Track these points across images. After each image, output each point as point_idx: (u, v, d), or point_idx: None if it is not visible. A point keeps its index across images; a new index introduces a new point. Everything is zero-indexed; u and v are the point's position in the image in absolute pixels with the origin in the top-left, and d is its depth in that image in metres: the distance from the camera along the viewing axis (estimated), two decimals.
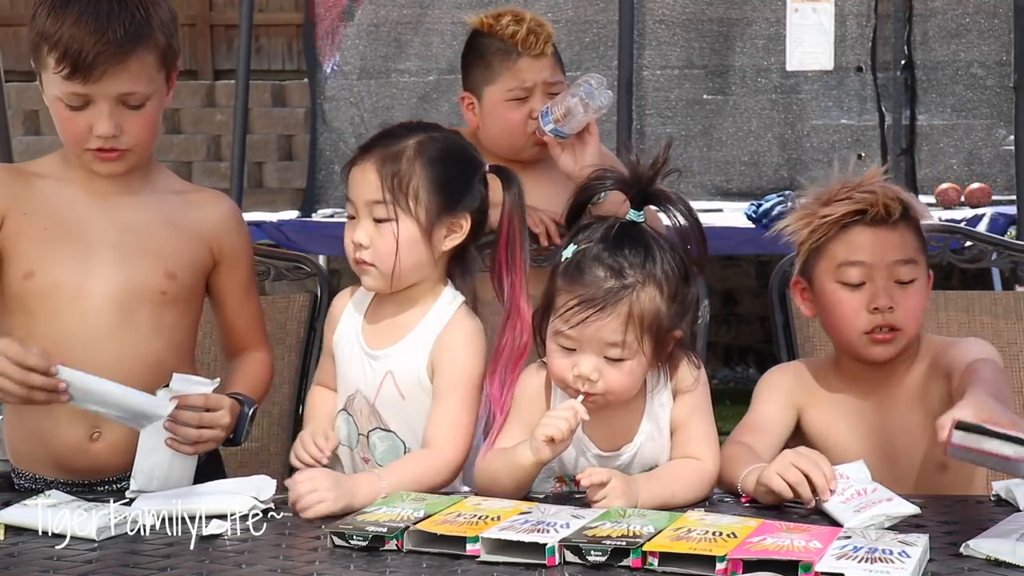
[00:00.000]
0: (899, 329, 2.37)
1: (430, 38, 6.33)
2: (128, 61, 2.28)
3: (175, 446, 2.25)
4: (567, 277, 2.21)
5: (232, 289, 2.53)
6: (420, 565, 1.88)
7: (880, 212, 2.37)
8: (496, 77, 3.07)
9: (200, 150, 7.83)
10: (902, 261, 2.38)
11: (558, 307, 2.20)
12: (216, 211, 2.52)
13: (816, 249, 2.42)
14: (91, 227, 2.39)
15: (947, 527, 2.04)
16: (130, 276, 2.39)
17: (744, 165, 6.25)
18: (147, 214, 2.44)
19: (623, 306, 2.16)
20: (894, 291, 2.36)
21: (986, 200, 5.61)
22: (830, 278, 2.40)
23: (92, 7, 2.27)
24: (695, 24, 6.26)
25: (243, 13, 5.76)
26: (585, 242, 2.23)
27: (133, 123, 2.33)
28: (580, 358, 2.18)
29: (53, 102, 2.33)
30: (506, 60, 3.05)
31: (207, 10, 8.39)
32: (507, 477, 2.19)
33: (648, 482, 2.18)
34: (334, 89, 6.43)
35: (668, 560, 1.84)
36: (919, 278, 2.40)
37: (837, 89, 6.17)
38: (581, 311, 2.16)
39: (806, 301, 2.49)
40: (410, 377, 2.33)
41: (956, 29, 6.14)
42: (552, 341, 2.22)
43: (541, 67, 3.05)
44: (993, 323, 2.94)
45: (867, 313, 2.36)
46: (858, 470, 2.15)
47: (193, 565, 1.90)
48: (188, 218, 2.48)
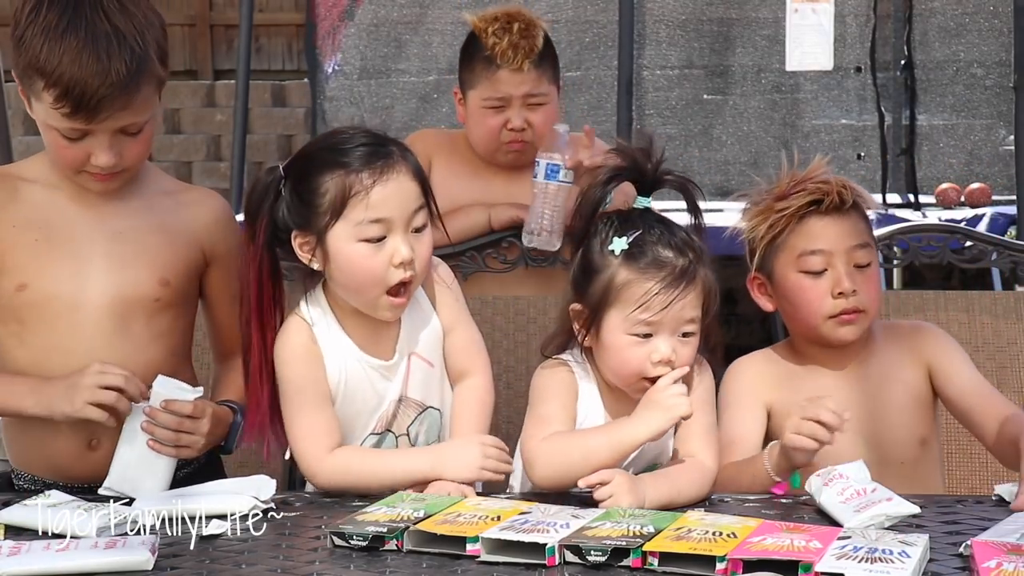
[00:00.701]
0: (863, 311, 2.46)
1: (430, 38, 6.32)
2: (131, 101, 2.24)
3: (155, 446, 2.25)
4: (635, 266, 2.22)
5: (224, 290, 2.49)
6: (420, 565, 1.88)
7: (835, 200, 2.47)
8: (477, 82, 3.11)
9: (200, 150, 7.83)
10: (859, 246, 2.48)
11: (634, 298, 2.20)
12: (208, 211, 2.50)
13: (773, 243, 2.50)
14: (82, 236, 2.37)
15: (947, 527, 2.04)
16: (124, 285, 2.37)
17: (744, 165, 6.25)
18: (138, 220, 2.41)
19: (698, 280, 2.23)
20: (854, 275, 2.47)
21: (986, 200, 5.60)
22: (792, 269, 2.49)
23: (90, 42, 2.17)
24: (695, 24, 6.26)
25: (243, 13, 5.75)
26: (631, 231, 2.23)
27: (131, 149, 2.32)
28: (657, 342, 2.21)
29: (46, 128, 2.28)
30: (487, 69, 3.08)
31: (207, 10, 8.38)
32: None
33: (655, 481, 2.18)
34: (334, 89, 6.43)
35: (668, 560, 1.84)
36: (873, 261, 2.51)
37: (837, 89, 6.17)
38: (666, 293, 2.20)
39: (764, 296, 2.57)
40: (431, 340, 2.34)
41: (956, 29, 6.13)
42: (620, 335, 2.22)
43: (519, 81, 3.06)
44: (993, 323, 2.95)
45: (831, 299, 2.46)
46: (858, 470, 2.16)
47: (193, 565, 1.89)
48: (179, 220, 2.45)
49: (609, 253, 2.24)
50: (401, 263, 2.20)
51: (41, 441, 2.39)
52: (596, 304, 2.24)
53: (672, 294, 2.20)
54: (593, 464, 2.15)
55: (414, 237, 2.23)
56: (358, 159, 2.21)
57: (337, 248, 2.21)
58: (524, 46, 3.04)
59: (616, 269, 2.23)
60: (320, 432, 2.26)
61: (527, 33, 3.06)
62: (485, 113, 3.10)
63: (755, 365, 2.57)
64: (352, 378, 2.30)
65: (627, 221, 2.26)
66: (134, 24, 2.23)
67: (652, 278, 2.20)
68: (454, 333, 2.36)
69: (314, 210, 2.21)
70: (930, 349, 2.53)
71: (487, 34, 3.06)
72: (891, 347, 2.55)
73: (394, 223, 2.21)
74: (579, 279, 2.28)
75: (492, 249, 3.08)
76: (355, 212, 2.19)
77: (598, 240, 2.26)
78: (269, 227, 2.24)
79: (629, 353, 2.23)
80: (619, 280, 2.22)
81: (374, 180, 2.19)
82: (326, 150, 2.25)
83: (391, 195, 2.20)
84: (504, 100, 3.07)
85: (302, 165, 2.25)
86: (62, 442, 2.38)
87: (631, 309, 2.21)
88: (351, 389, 2.30)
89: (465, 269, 3.10)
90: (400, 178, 2.22)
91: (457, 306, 2.38)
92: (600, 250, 2.25)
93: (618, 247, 2.23)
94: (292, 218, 2.24)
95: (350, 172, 2.20)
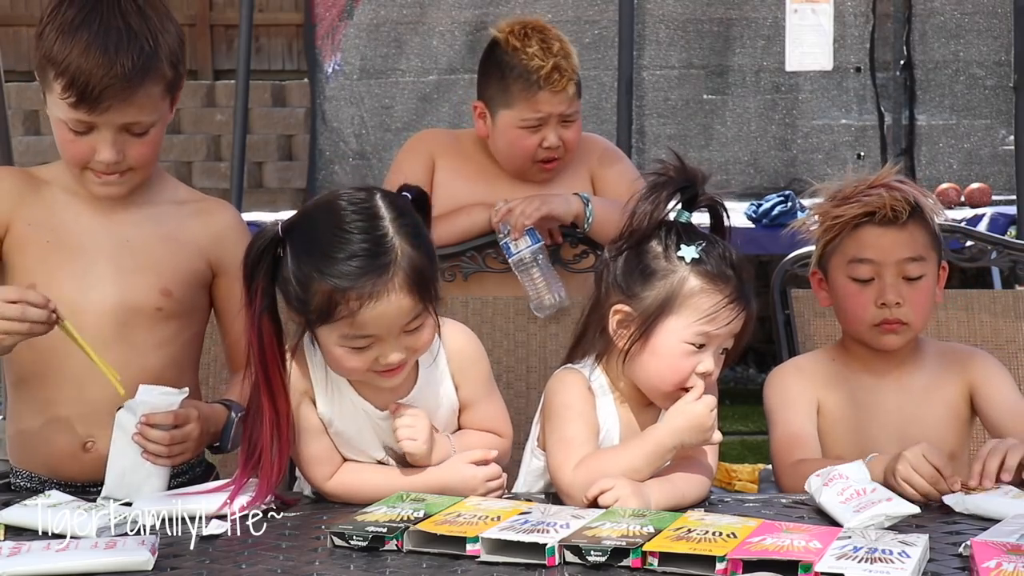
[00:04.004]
0: (906, 323, 2.48)
1: (430, 38, 6.33)
2: (134, 96, 2.26)
3: (150, 458, 2.24)
4: (706, 276, 2.20)
5: (233, 301, 2.38)
6: (420, 565, 1.88)
7: (888, 214, 2.46)
8: (513, 103, 3.06)
9: (200, 150, 7.83)
10: (910, 259, 2.48)
11: (703, 307, 2.19)
12: (217, 222, 2.50)
13: (830, 244, 2.53)
14: (90, 241, 2.39)
15: (947, 527, 2.04)
16: (126, 292, 2.38)
17: (744, 165, 6.26)
18: (145, 229, 2.42)
19: (752, 304, 2.24)
20: (902, 287, 2.48)
21: (986, 200, 5.61)
22: (842, 273, 2.52)
23: (101, 36, 2.23)
24: (695, 24, 6.27)
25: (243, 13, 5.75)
26: (699, 240, 2.22)
27: (135, 149, 2.33)
28: (706, 355, 2.21)
29: (56, 123, 2.33)
30: (526, 90, 3.03)
31: (207, 10, 8.38)
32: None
33: (660, 484, 2.17)
34: (334, 89, 6.43)
35: (668, 560, 1.84)
36: (927, 274, 2.51)
37: (836, 89, 6.18)
38: (731, 309, 2.20)
39: (822, 291, 2.60)
40: (444, 414, 2.28)
41: (956, 29, 6.14)
42: (677, 342, 2.20)
43: (559, 100, 3.04)
44: (992, 321, 2.96)
45: (875, 308, 2.47)
46: (857, 470, 2.15)
47: (193, 565, 1.89)
48: (187, 231, 2.46)
49: (678, 259, 2.21)
50: (387, 365, 2.12)
51: (37, 441, 2.40)
52: (654, 308, 2.21)
53: (736, 310, 2.20)
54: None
55: (408, 336, 2.12)
56: (348, 274, 2.05)
57: (323, 341, 2.13)
58: (567, 67, 3.02)
59: (686, 275, 2.20)
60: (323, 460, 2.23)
61: (563, 52, 3.04)
62: (520, 134, 3.06)
63: (803, 367, 2.60)
64: (348, 421, 2.23)
65: (690, 231, 2.25)
66: (148, 26, 2.27)
67: (721, 291, 2.20)
68: (475, 409, 2.29)
69: (304, 304, 2.09)
70: (977, 371, 2.54)
71: (527, 55, 3.01)
72: (941, 365, 2.56)
73: (382, 337, 2.10)
74: (631, 281, 2.24)
75: (492, 249, 3.07)
76: (340, 326, 2.08)
77: (659, 245, 2.23)
78: (266, 292, 2.12)
79: (683, 362, 2.21)
80: (688, 287, 2.20)
81: (361, 304, 2.05)
82: (321, 245, 2.08)
83: (380, 316, 2.07)
84: (542, 120, 3.05)
85: (299, 244, 2.10)
86: (59, 442, 2.39)
87: (696, 317, 2.19)
88: (346, 428, 2.23)
89: (465, 269, 3.10)
90: (391, 297, 2.06)
91: (480, 382, 2.30)
92: (664, 254, 2.22)
93: (688, 255, 2.21)
94: (283, 292, 2.13)
95: (336, 291, 2.05)
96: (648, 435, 2.20)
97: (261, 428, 2.14)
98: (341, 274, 2.05)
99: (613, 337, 2.25)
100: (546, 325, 3.03)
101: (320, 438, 2.22)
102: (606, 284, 2.28)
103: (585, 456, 2.18)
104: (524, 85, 3.03)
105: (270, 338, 2.14)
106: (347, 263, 2.05)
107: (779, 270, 3.00)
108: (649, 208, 2.23)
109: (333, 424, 2.22)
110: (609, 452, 2.21)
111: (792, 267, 2.99)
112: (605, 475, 2.12)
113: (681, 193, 2.25)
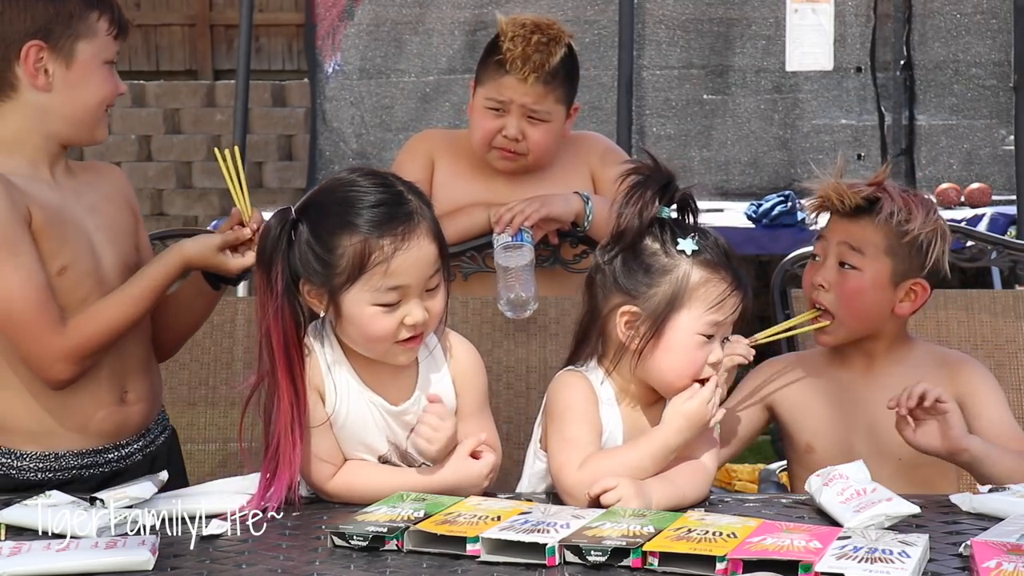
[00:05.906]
0: (833, 315, 2.53)
1: (430, 38, 6.32)
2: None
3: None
4: (708, 266, 2.22)
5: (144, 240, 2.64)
6: (420, 565, 1.88)
7: (835, 204, 2.54)
8: (484, 80, 3.10)
9: (200, 150, 7.83)
10: (848, 245, 2.52)
11: (710, 297, 2.21)
12: (117, 175, 2.64)
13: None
14: (79, 217, 2.47)
15: (947, 527, 2.04)
16: (119, 254, 2.51)
17: (744, 165, 6.25)
18: (92, 195, 2.53)
19: (749, 290, 2.26)
20: (835, 272, 2.54)
21: (986, 200, 5.61)
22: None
23: None
24: (695, 24, 6.27)
25: (243, 13, 5.75)
26: (692, 232, 2.24)
27: None
28: (715, 344, 2.23)
29: (88, 72, 2.44)
30: (497, 70, 3.07)
31: (207, 10, 8.38)
32: None
33: (661, 484, 2.18)
34: (334, 89, 6.43)
35: (668, 560, 1.84)
36: (866, 271, 2.52)
37: (837, 89, 6.18)
38: (738, 294, 2.23)
39: None
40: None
41: (955, 29, 6.14)
42: (690, 335, 2.21)
43: (523, 91, 3.04)
44: (992, 321, 2.96)
45: (812, 288, 2.58)
46: (858, 470, 2.16)
47: (193, 565, 1.90)
48: (113, 188, 2.59)
49: (679, 253, 2.22)
50: (413, 325, 2.15)
51: (72, 399, 2.44)
52: (663, 305, 2.21)
53: (739, 296, 2.22)
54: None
55: (428, 296, 2.17)
56: (377, 222, 2.12)
57: (350, 309, 2.15)
58: (536, 59, 3.02)
59: (689, 268, 2.21)
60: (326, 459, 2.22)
61: (544, 48, 3.03)
62: (485, 114, 3.09)
63: (773, 366, 2.65)
64: (355, 414, 2.23)
65: (681, 224, 2.26)
66: None
67: (724, 279, 2.22)
68: (469, 422, 2.26)
69: (329, 269, 2.12)
70: (966, 382, 2.53)
71: (507, 38, 3.04)
72: (929, 367, 2.55)
73: (411, 289, 2.14)
74: (635, 281, 2.23)
75: (492, 249, 3.07)
76: (373, 279, 2.11)
77: (656, 242, 2.23)
78: (285, 274, 2.15)
79: (697, 354, 2.21)
80: (695, 279, 2.21)
81: (395, 248, 2.11)
82: (342, 205, 2.14)
83: (412, 262, 2.12)
84: (503, 105, 3.06)
85: (316, 216, 2.16)
86: (99, 395, 2.46)
87: (706, 308, 2.21)
88: (352, 422, 2.23)
89: (465, 269, 3.10)
90: (420, 242, 2.13)
91: (477, 395, 2.30)
92: (663, 250, 2.23)
93: (688, 247, 2.22)
94: (303, 269, 2.16)
95: (370, 238, 2.10)
96: (653, 435, 2.21)
97: (279, 416, 2.15)
98: (371, 222, 2.12)
99: (623, 339, 2.24)
100: (546, 325, 3.03)
101: (325, 436, 2.22)
102: (604, 287, 2.27)
103: (589, 456, 2.18)
104: (496, 66, 3.06)
105: (291, 322, 2.16)
106: (373, 211, 2.13)
107: (779, 270, 3.00)
108: (637, 208, 2.23)
109: (340, 417, 2.22)
110: (614, 452, 2.22)
111: (792, 267, 3.00)
112: (610, 475, 2.13)
113: (662, 190, 2.25)
